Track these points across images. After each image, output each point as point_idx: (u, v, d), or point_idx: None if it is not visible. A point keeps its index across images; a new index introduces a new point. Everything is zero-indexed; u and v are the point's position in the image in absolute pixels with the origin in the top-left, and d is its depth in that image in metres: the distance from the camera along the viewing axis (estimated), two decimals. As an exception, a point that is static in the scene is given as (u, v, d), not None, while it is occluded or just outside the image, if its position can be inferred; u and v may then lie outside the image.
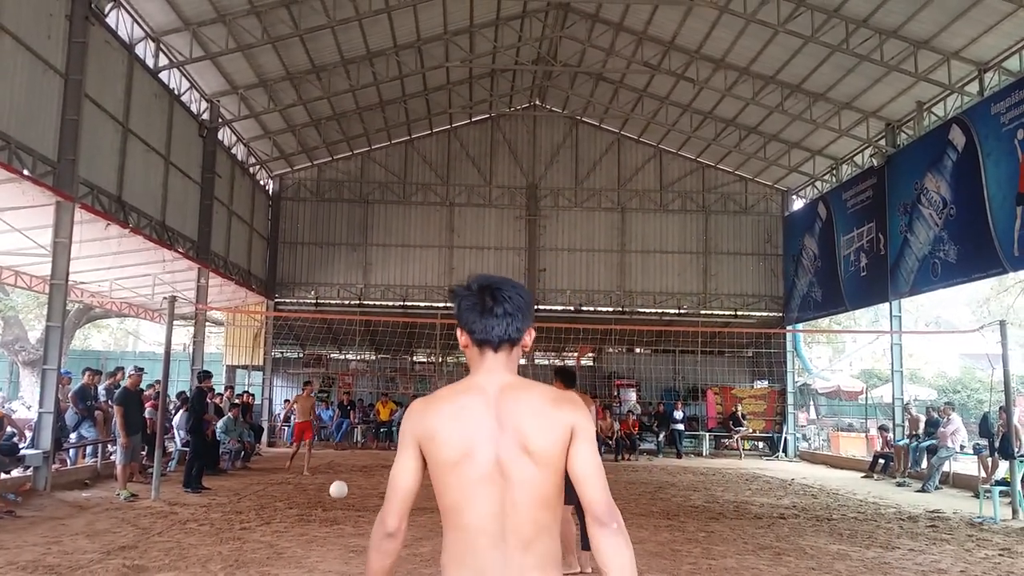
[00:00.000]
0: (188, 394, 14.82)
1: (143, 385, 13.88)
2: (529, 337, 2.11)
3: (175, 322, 13.00)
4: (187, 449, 13.31)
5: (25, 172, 10.82)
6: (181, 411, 14.76)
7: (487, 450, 1.95)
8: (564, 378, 7.63)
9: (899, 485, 15.80)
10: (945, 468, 15.31)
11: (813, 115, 19.17)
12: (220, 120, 18.52)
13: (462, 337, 2.08)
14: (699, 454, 23.07)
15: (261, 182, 23.12)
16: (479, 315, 2.02)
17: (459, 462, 1.95)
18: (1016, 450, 12.13)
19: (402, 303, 24.10)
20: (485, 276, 2.09)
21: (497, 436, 1.95)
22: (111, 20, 13.56)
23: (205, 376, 13.60)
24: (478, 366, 2.07)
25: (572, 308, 24.22)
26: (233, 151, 20.27)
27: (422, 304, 24.16)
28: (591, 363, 25.93)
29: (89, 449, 13.65)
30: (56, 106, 11.88)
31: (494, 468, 1.94)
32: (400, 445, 2.06)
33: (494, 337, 2.03)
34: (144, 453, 13.26)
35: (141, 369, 13.49)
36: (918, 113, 17.42)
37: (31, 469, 11.03)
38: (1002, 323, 12.71)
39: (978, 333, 14.12)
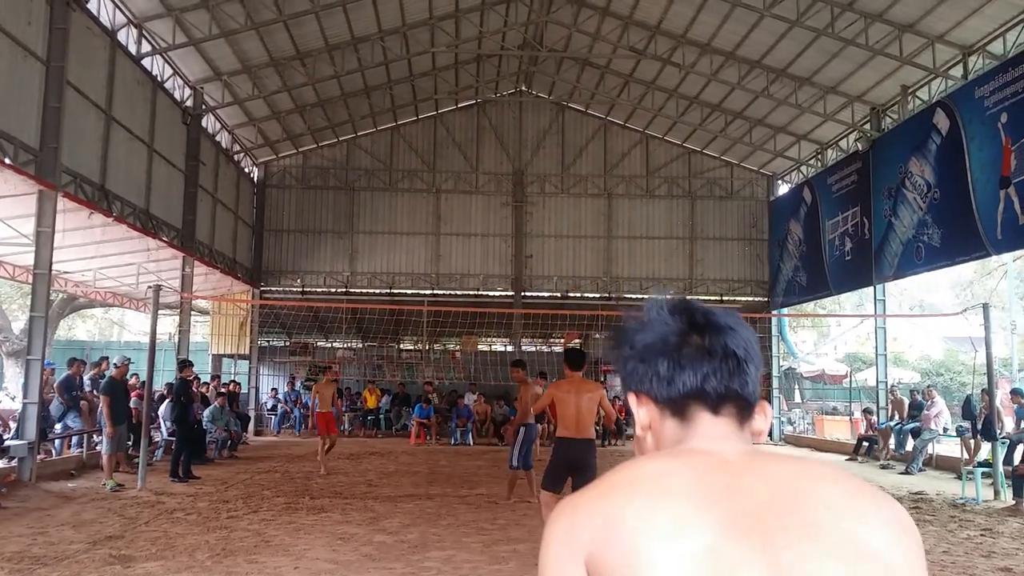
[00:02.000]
0: (173, 384, 14.77)
1: (128, 375, 13.81)
2: (765, 418, 1.26)
3: (160, 311, 12.95)
4: (173, 439, 13.28)
5: (7, 161, 10.71)
6: (167, 401, 14.71)
7: (749, 566, 1.01)
8: (571, 360, 7.33)
9: (883, 467, 15.92)
10: (928, 450, 15.44)
11: (798, 100, 19.20)
12: (204, 107, 18.38)
13: (641, 404, 1.24)
14: (686, 439, 23.14)
15: (246, 170, 22.98)
16: (674, 354, 1.19)
17: None
18: (998, 432, 12.24)
19: (389, 291, 24.05)
20: (677, 298, 1.25)
21: (759, 538, 1.04)
22: (92, 6, 13.39)
23: (185, 365, 13.58)
24: (687, 439, 1.19)
25: (559, 294, 24.25)
26: (217, 138, 20.14)
27: (409, 292, 24.12)
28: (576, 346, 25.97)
29: (75, 439, 13.60)
30: (37, 93, 11.75)
31: None
32: (556, 571, 1.10)
33: (712, 392, 1.17)
34: (130, 443, 13.22)
35: (128, 359, 13.43)
36: (903, 97, 17.47)
37: (16, 460, 10.97)
38: (985, 306, 12.82)
39: (961, 316, 14.24)
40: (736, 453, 1.15)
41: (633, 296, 24.13)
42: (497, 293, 24.32)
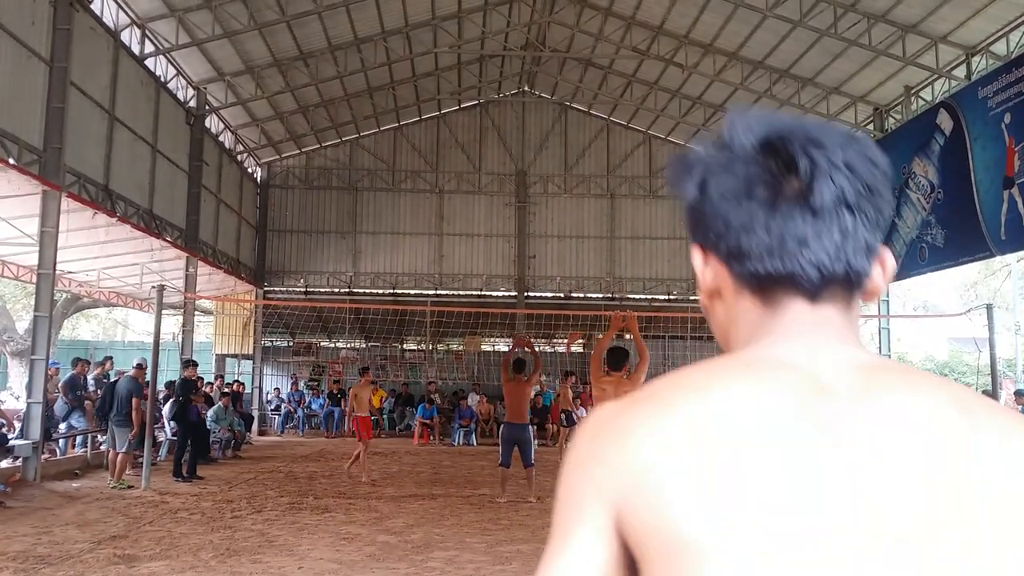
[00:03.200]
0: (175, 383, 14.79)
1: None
2: (883, 273, 0.88)
3: (164, 311, 12.96)
4: (176, 439, 13.32)
5: (11, 161, 10.72)
6: (170, 401, 14.73)
7: (821, 537, 0.71)
8: (612, 360, 7.13)
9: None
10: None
11: (801, 100, 19.18)
12: (207, 107, 18.40)
13: (708, 263, 0.91)
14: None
15: (249, 170, 23.01)
16: (768, 207, 0.83)
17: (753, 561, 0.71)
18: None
19: (392, 291, 24.06)
20: (766, 115, 0.88)
21: (851, 503, 0.73)
22: (96, 6, 13.42)
23: (188, 365, 13.64)
24: (771, 332, 0.86)
25: (562, 295, 24.24)
26: (221, 139, 20.16)
27: (412, 292, 24.13)
28: (581, 349, 25.97)
29: (79, 439, 13.62)
30: (41, 94, 11.77)
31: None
32: (565, 517, 0.81)
33: (812, 269, 0.83)
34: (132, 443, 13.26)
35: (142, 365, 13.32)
36: (906, 97, 17.45)
37: (20, 460, 10.99)
38: (989, 307, 12.82)
39: (965, 317, 14.23)
40: (841, 370, 0.80)
41: (637, 297, 24.11)
42: (500, 293, 24.32)
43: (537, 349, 11.50)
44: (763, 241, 0.83)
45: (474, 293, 24.05)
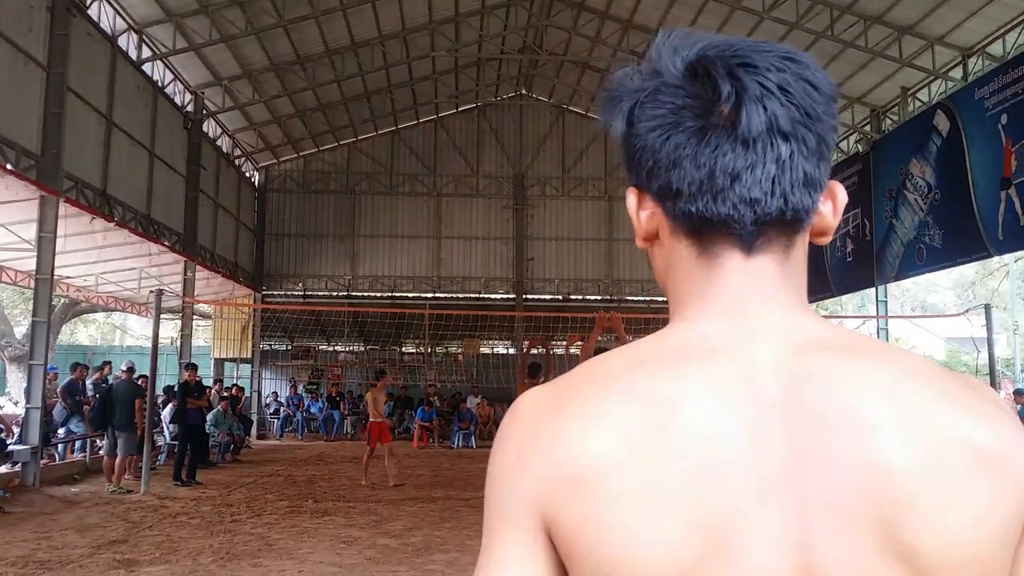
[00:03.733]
0: (174, 387, 14.81)
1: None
2: (834, 208, 0.82)
3: (162, 316, 12.96)
4: (175, 443, 13.34)
5: (8, 167, 10.73)
6: (169, 405, 14.73)
7: (773, 542, 0.69)
8: None
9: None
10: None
11: (799, 102, 19.20)
12: (205, 112, 18.41)
13: (642, 207, 0.84)
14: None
15: (247, 174, 23.01)
16: (696, 139, 0.76)
17: None
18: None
19: (390, 294, 24.06)
20: (696, 36, 0.80)
21: (801, 502, 0.70)
22: (93, 12, 13.44)
23: (187, 368, 13.72)
24: (702, 296, 0.80)
25: (560, 297, 24.25)
26: (218, 143, 20.17)
27: (410, 295, 24.14)
28: (578, 351, 25.99)
29: (78, 444, 13.61)
30: (38, 99, 11.78)
31: None
32: (492, 528, 0.78)
33: (745, 209, 0.76)
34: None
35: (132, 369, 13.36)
36: (903, 99, 17.48)
37: (19, 465, 10.98)
38: (987, 307, 12.84)
39: (964, 317, 14.25)
40: (774, 359, 0.74)
41: (635, 299, 24.13)
42: (499, 296, 24.33)
43: (535, 351, 11.42)
44: (693, 177, 0.76)
45: (472, 296, 24.05)
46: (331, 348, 25.32)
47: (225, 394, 17.36)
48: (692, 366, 0.74)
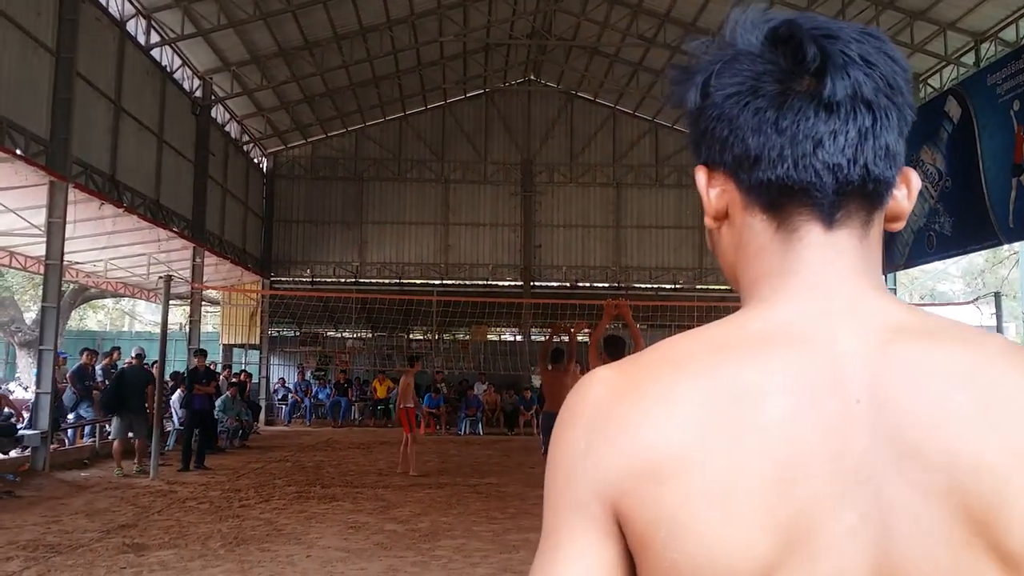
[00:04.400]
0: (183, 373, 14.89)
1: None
2: (908, 193, 0.81)
3: (171, 302, 13.00)
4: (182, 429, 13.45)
5: (18, 152, 10.75)
6: (178, 391, 14.79)
7: (854, 543, 0.68)
8: (610, 349, 7.18)
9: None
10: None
11: (809, 88, 19.10)
12: (213, 97, 18.40)
13: (712, 184, 0.82)
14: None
15: (255, 160, 23.02)
16: (777, 104, 0.75)
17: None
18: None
19: (398, 281, 24.08)
20: (771, 12, 0.81)
21: (883, 502, 0.68)
22: (101, -3, 13.43)
23: (197, 355, 13.80)
24: (780, 275, 0.78)
25: (568, 284, 24.22)
26: (227, 129, 20.16)
27: (418, 282, 24.15)
28: (586, 339, 25.99)
29: (87, 429, 13.69)
30: (47, 85, 11.78)
31: None
32: (558, 517, 0.75)
33: (827, 175, 0.74)
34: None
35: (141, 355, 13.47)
36: (914, 85, 17.35)
37: (29, 449, 11.05)
38: (997, 295, 12.78)
39: (973, 305, 14.19)
40: (860, 345, 0.72)
41: (642, 286, 24.09)
42: (506, 283, 24.32)
43: (542, 338, 11.39)
44: (773, 142, 0.75)
45: (480, 282, 24.05)
46: (339, 334, 25.36)
47: (234, 380, 17.43)
48: (775, 355, 0.72)
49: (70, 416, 13.24)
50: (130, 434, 11.96)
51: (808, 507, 0.67)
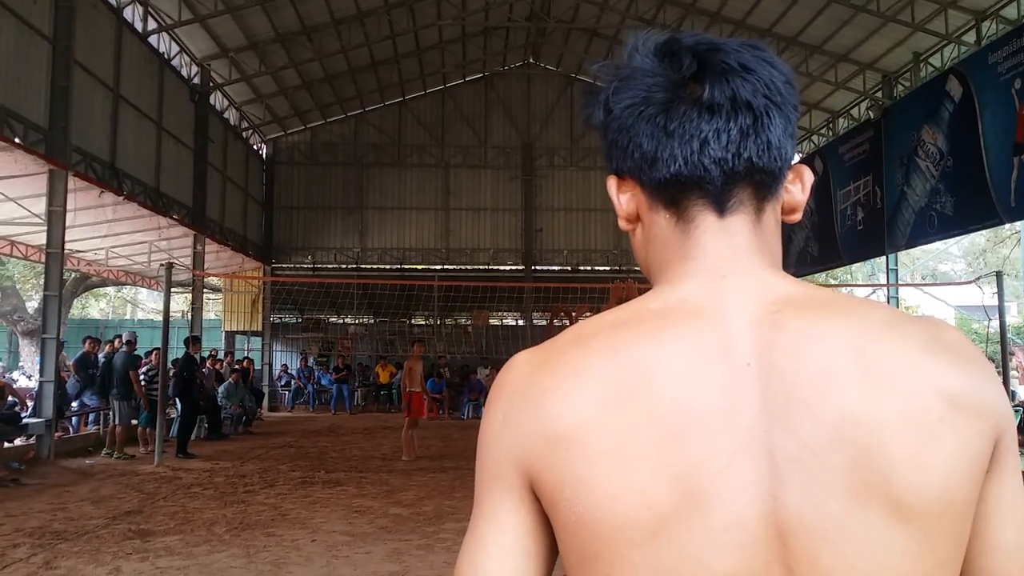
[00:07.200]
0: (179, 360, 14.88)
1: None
2: (802, 187, 0.89)
3: (173, 289, 13.02)
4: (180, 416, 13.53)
5: (17, 140, 10.72)
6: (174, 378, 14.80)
7: (745, 493, 0.74)
8: None
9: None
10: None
11: (809, 68, 19.01)
12: (211, 84, 18.34)
13: (622, 191, 0.91)
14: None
15: (255, 147, 22.97)
16: (666, 111, 0.83)
17: (661, 527, 0.74)
18: (1011, 400, 12.23)
19: (399, 266, 24.09)
20: (664, 33, 0.89)
21: (773, 456, 0.75)
22: (97, -16, 13.36)
23: (191, 342, 13.84)
24: (680, 260, 0.86)
25: (569, 268, 24.23)
26: (225, 115, 20.11)
27: (419, 267, 24.16)
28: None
29: (91, 417, 13.73)
30: (45, 73, 11.75)
31: (766, 542, 0.74)
32: (483, 486, 0.88)
33: (714, 168, 0.83)
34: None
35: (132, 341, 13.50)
36: (915, 64, 17.28)
37: (34, 438, 11.10)
38: (998, 274, 12.75)
39: (975, 285, 14.17)
40: (745, 304, 0.80)
41: (644, 269, 24.04)
42: (508, 267, 24.32)
43: (544, 322, 11.41)
44: (665, 144, 0.83)
45: (481, 267, 24.06)
46: (341, 320, 25.39)
47: (236, 367, 17.46)
48: (670, 329, 0.80)
49: (74, 404, 13.28)
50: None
51: (701, 462, 0.74)
